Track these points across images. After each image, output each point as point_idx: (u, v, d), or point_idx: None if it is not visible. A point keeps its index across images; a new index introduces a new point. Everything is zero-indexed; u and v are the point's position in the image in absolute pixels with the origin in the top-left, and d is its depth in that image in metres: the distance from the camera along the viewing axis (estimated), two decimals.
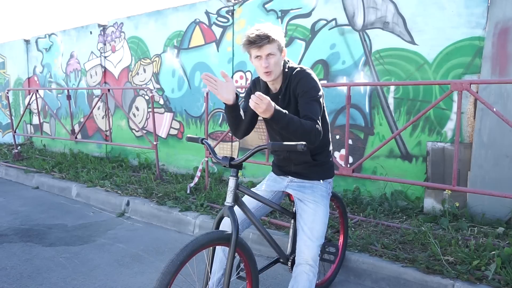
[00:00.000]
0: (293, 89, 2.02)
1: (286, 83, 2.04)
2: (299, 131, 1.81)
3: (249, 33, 1.93)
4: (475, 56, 3.60)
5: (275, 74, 2.00)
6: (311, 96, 1.95)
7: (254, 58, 1.99)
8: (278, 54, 1.97)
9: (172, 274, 1.58)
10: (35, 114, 8.75)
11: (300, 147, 1.69)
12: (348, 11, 4.28)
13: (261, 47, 1.92)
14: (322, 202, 2.10)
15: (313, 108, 1.92)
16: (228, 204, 1.85)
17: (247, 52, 2.01)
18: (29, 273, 2.94)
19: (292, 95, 2.03)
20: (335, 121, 4.42)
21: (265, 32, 1.90)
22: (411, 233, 3.14)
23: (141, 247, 3.48)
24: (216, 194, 4.38)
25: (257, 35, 1.90)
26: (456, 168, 2.89)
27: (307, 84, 1.97)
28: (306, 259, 1.96)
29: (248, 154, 1.84)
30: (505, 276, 2.42)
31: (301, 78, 1.99)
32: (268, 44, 1.92)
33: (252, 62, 2.03)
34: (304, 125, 1.82)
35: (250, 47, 1.94)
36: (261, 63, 1.96)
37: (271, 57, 1.95)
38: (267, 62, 1.94)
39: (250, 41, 1.92)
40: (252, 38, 1.90)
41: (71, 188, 5.23)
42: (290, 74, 2.03)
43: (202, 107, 5.64)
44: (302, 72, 2.01)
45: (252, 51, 1.96)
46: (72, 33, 7.59)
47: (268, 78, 2.02)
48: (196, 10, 5.60)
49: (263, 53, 1.93)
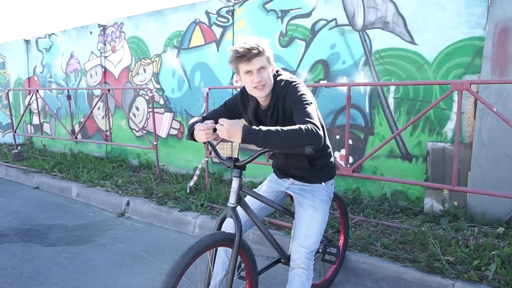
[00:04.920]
0: (282, 105, 1.90)
1: (275, 100, 1.91)
2: (289, 138, 1.62)
3: (236, 47, 1.79)
4: (475, 56, 3.60)
5: (268, 88, 1.87)
6: (300, 102, 1.81)
7: (243, 74, 1.84)
8: (268, 67, 1.86)
9: (177, 276, 1.58)
10: (35, 114, 8.74)
11: (308, 150, 1.62)
12: (348, 11, 4.28)
13: (251, 60, 1.78)
14: (321, 208, 2.07)
15: (304, 111, 1.75)
16: (231, 205, 1.84)
17: (235, 69, 1.87)
18: (29, 273, 2.94)
19: (281, 111, 1.91)
20: (335, 121, 4.42)
21: (254, 44, 1.78)
22: (411, 233, 3.14)
23: (141, 247, 3.48)
24: (216, 194, 4.38)
25: (245, 48, 1.77)
26: (456, 168, 2.89)
27: (295, 94, 1.84)
28: (299, 264, 1.98)
29: (254, 155, 1.82)
30: (505, 276, 2.42)
31: (288, 91, 1.86)
32: (258, 57, 1.79)
33: (240, 79, 1.88)
34: (290, 129, 1.63)
35: (239, 61, 1.79)
36: (252, 79, 1.82)
37: (263, 70, 1.82)
38: (259, 76, 1.81)
39: (238, 55, 1.77)
40: (241, 52, 1.76)
41: (71, 188, 5.23)
42: (278, 88, 1.90)
43: (202, 107, 5.64)
44: (287, 84, 1.89)
45: (241, 66, 1.81)
46: (72, 33, 7.59)
47: (261, 93, 1.87)
48: (196, 10, 5.60)
49: (254, 67, 1.80)
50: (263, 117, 2.02)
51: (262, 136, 1.63)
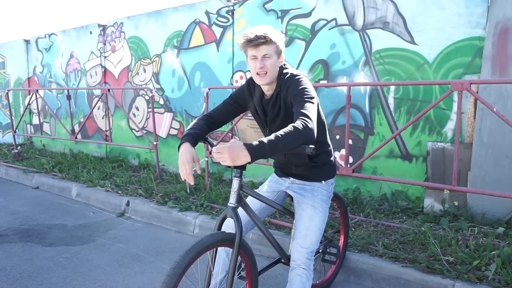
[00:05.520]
0: (283, 97, 1.95)
1: (278, 90, 1.97)
2: (289, 140, 1.64)
3: (247, 32, 1.89)
4: (475, 56, 3.60)
5: (269, 78, 1.93)
6: (301, 96, 1.83)
7: (250, 58, 1.93)
8: (274, 57, 1.92)
9: (178, 277, 1.57)
10: (35, 114, 8.74)
11: (308, 150, 1.65)
12: (348, 11, 4.28)
13: (257, 47, 1.87)
14: (321, 207, 2.07)
15: (302, 104, 1.78)
16: (231, 205, 1.84)
17: (244, 52, 1.96)
18: (29, 273, 2.94)
19: (283, 103, 1.96)
20: (335, 121, 4.42)
21: (264, 32, 1.86)
22: (411, 233, 3.14)
23: (141, 247, 3.48)
24: (216, 194, 4.38)
25: (255, 34, 1.85)
26: (456, 168, 2.89)
27: (296, 88, 1.88)
28: (299, 264, 1.99)
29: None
30: (505, 276, 2.42)
31: (290, 84, 1.91)
32: (265, 45, 1.87)
33: (247, 63, 1.97)
34: (287, 132, 1.64)
35: (247, 46, 1.89)
36: (255, 64, 1.90)
37: (267, 59, 1.89)
38: (262, 63, 1.88)
39: (247, 40, 1.87)
40: (250, 37, 1.86)
41: (71, 188, 5.23)
42: (282, 80, 1.96)
43: (202, 107, 5.64)
44: (291, 78, 1.94)
45: (249, 50, 1.91)
46: (72, 33, 7.59)
47: (261, 80, 1.94)
48: (196, 10, 5.60)
49: (259, 54, 1.88)
50: (266, 107, 2.06)
51: (268, 149, 1.61)
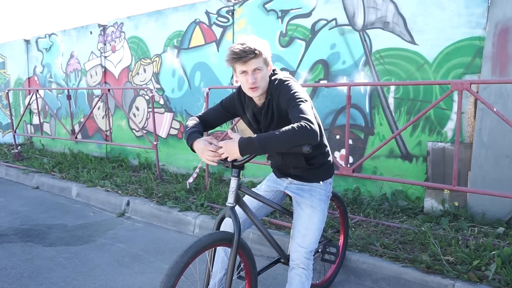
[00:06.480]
0: (276, 104, 1.92)
1: (269, 98, 1.94)
2: (284, 140, 1.65)
3: (233, 47, 1.81)
4: (475, 56, 3.59)
5: (261, 89, 1.90)
6: (294, 100, 1.82)
7: (239, 73, 1.87)
8: (264, 68, 1.87)
9: (176, 276, 1.58)
10: (35, 114, 8.74)
11: (305, 148, 1.65)
12: (348, 11, 4.28)
13: (246, 62, 1.81)
14: (320, 207, 2.07)
15: (298, 108, 1.76)
16: (229, 205, 1.85)
17: (231, 67, 1.89)
18: (29, 273, 2.94)
19: (276, 110, 1.93)
20: (335, 121, 4.42)
21: (251, 46, 1.79)
22: (411, 233, 3.14)
23: (141, 247, 3.48)
24: (216, 194, 4.37)
25: (242, 49, 1.78)
26: (456, 168, 2.89)
27: (288, 93, 1.85)
28: (298, 264, 1.99)
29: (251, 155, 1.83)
30: (505, 276, 2.42)
31: (281, 90, 1.88)
32: (254, 58, 1.81)
33: (236, 77, 1.91)
34: (284, 131, 1.65)
35: (235, 62, 1.82)
36: (247, 79, 1.84)
37: (258, 72, 1.84)
38: (253, 77, 1.83)
39: (234, 56, 1.80)
40: (237, 53, 1.79)
41: (71, 188, 5.23)
42: (272, 87, 1.93)
43: (202, 107, 5.64)
44: (280, 84, 1.90)
45: (237, 66, 1.84)
46: (72, 33, 7.59)
47: (253, 93, 1.91)
48: (196, 10, 5.60)
49: (249, 68, 1.82)
50: (258, 115, 2.03)
51: (257, 145, 1.67)
